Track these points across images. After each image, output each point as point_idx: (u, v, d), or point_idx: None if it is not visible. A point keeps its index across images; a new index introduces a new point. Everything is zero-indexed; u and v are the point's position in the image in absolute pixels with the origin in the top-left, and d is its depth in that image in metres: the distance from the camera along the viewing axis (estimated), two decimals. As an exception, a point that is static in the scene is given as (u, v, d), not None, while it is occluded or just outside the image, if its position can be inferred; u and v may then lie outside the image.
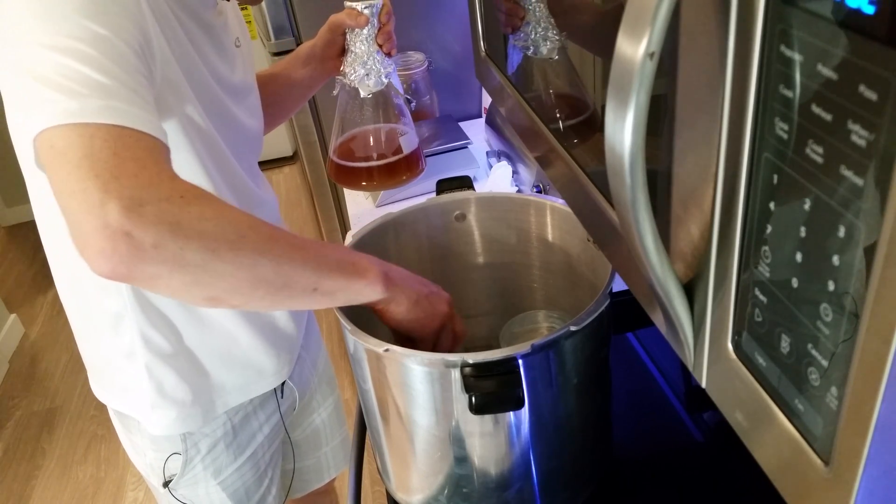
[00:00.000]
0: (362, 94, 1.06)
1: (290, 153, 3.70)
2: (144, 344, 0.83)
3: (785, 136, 0.29)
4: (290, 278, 0.62)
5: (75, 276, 0.82)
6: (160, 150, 0.60)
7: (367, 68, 1.03)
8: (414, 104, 1.55)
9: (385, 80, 1.06)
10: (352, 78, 1.04)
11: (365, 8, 1.00)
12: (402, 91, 1.13)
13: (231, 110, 0.84)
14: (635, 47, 0.32)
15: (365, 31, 1.01)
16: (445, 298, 0.74)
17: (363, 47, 1.02)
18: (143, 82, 0.63)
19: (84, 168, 0.55)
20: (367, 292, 0.67)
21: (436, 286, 0.75)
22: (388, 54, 1.04)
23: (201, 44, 0.78)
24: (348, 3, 1.01)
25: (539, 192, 1.22)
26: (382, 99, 1.10)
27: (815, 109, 0.27)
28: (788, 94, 0.28)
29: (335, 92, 1.08)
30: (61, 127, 0.56)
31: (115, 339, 0.84)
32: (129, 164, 0.56)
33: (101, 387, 0.91)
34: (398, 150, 1.14)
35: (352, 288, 0.66)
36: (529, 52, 0.65)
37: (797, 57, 0.28)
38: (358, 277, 0.66)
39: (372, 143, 1.14)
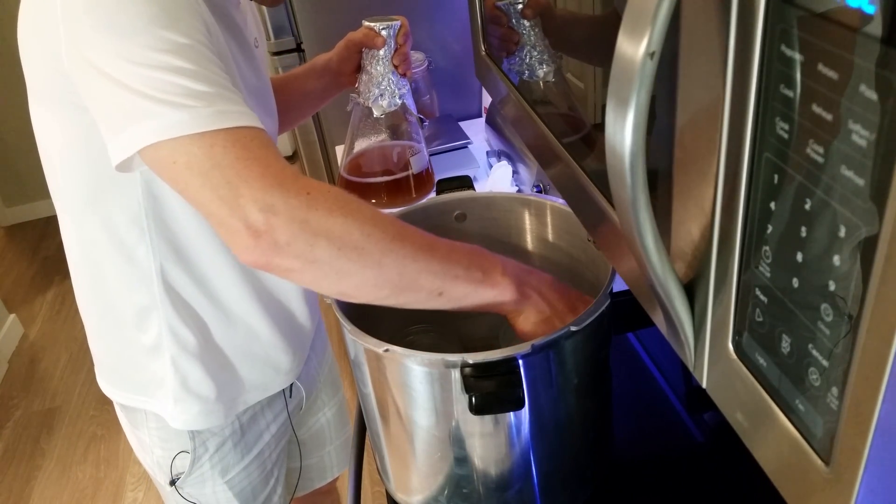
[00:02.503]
0: (375, 113, 1.06)
1: (290, 153, 3.70)
2: (172, 338, 0.84)
3: (785, 135, 0.29)
4: (415, 281, 0.62)
5: (97, 270, 0.82)
6: (270, 142, 0.63)
7: (381, 89, 1.04)
8: (427, 123, 1.55)
9: (399, 101, 1.06)
10: (366, 97, 1.05)
11: (383, 29, 1.00)
12: (415, 111, 1.13)
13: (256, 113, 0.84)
14: (636, 47, 0.32)
15: (381, 51, 1.01)
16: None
17: (379, 68, 1.02)
18: (227, 77, 0.64)
19: (215, 178, 0.59)
20: (496, 301, 0.66)
21: (583, 301, 0.70)
22: (404, 75, 1.05)
23: (230, 45, 0.78)
24: (367, 23, 1.01)
25: (539, 192, 1.22)
26: (395, 119, 1.10)
27: (816, 109, 0.27)
28: (789, 93, 0.28)
29: (349, 108, 1.09)
30: (177, 140, 0.59)
31: (139, 333, 0.84)
32: (254, 166, 0.59)
33: (113, 383, 0.92)
34: (409, 168, 1.14)
35: (479, 296, 0.65)
36: (525, 77, 0.65)
37: (798, 56, 0.27)
38: (488, 287, 0.65)
39: (383, 162, 1.15)
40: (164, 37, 0.60)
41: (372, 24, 1.00)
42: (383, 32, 1.00)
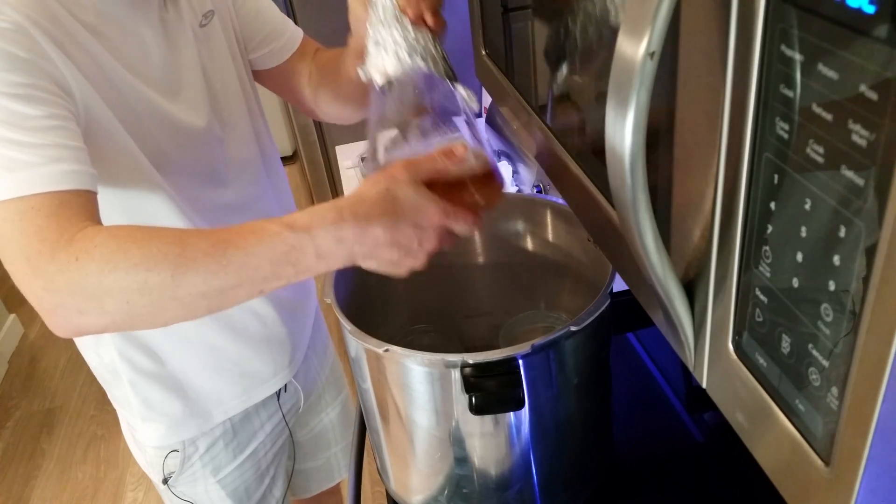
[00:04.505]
0: (378, 82, 0.71)
1: (290, 153, 3.70)
2: (126, 364, 0.84)
3: (785, 135, 0.29)
4: (224, 297, 0.58)
5: None
6: (67, 205, 0.59)
7: (383, 48, 0.70)
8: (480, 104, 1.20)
9: (409, 60, 0.69)
10: (368, 67, 0.71)
11: None
12: (455, 76, 0.73)
13: (171, 113, 0.77)
14: (636, 47, 0.31)
15: (380, 9, 0.69)
16: (411, 222, 0.58)
17: (383, 32, 0.70)
18: (56, 131, 0.61)
19: (6, 259, 0.59)
20: (319, 269, 0.59)
21: (408, 209, 0.58)
22: (430, 28, 0.71)
23: (131, 50, 0.73)
24: None
25: (539, 192, 1.22)
26: (416, 94, 0.72)
27: (816, 109, 0.27)
28: (789, 93, 0.28)
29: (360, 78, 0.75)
30: None
31: (99, 356, 0.85)
32: (34, 242, 0.57)
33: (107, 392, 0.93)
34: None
35: (300, 275, 0.59)
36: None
37: (798, 56, 0.27)
38: (308, 272, 0.58)
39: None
40: None
41: None
42: None
